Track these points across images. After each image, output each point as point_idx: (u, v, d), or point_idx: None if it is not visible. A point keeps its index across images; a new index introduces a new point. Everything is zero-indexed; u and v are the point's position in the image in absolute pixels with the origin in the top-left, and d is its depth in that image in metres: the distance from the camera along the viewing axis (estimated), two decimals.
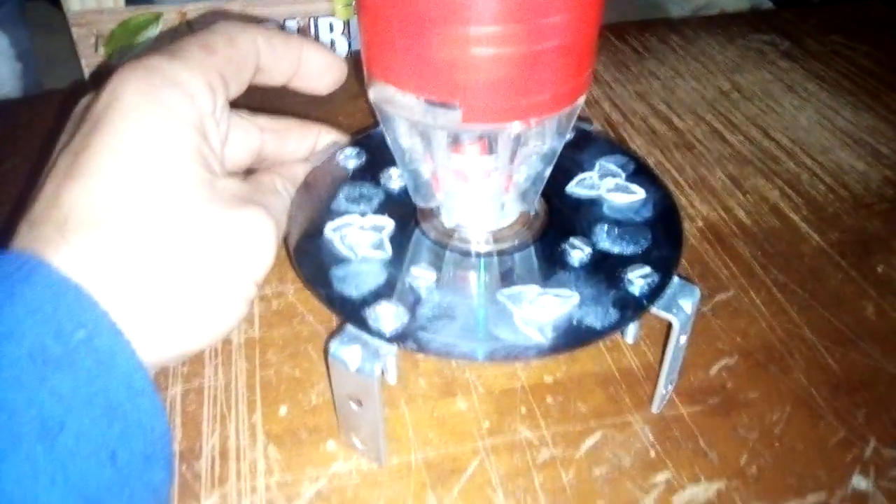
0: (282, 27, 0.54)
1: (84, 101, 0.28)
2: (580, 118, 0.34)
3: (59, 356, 0.20)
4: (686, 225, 0.40)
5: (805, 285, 0.36)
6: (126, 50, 0.54)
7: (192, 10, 0.53)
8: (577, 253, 0.28)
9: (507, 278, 0.28)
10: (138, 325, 0.23)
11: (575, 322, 0.25)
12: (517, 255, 0.29)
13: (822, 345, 0.33)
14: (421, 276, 0.27)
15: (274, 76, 0.31)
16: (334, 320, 0.33)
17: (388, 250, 0.28)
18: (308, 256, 0.28)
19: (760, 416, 0.30)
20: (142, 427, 0.22)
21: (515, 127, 0.25)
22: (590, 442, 0.29)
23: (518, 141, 0.26)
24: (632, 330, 0.28)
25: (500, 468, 0.28)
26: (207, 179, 0.25)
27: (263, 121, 0.32)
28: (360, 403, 0.25)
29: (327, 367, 0.28)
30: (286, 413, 0.30)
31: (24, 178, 0.42)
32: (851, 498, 0.27)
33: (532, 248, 0.29)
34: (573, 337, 0.25)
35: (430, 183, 0.29)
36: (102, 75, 0.30)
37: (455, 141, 0.26)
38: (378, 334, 0.25)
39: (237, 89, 0.29)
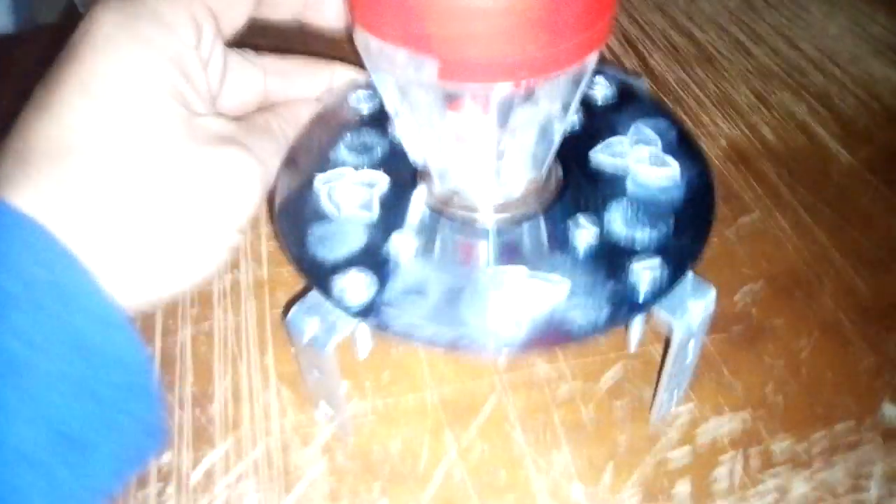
0: None
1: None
2: (626, 70, 0.31)
3: (19, 296, 0.20)
4: (708, 144, 0.38)
5: (833, 205, 0.35)
6: None
7: None
8: (583, 233, 0.24)
9: (496, 255, 0.25)
10: (106, 266, 0.22)
11: (557, 317, 0.22)
12: (514, 230, 0.26)
13: (851, 267, 0.32)
14: (402, 243, 0.25)
15: (279, 9, 0.28)
16: None
17: (376, 211, 0.26)
18: (290, 209, 0.27)
19: (786, 343, 0.29)
20: (120, 361, 0.21)
21: (501, 89, 0.21)
22: (610, 374, 0.28)
23: (509, 105, 0.23)
24: (635, 332, 0.25)
25: (518, 404, 0.27)
26: (184, 116, 0.23)
27: (268, 61, 0.30)
28: (319, 372, 0.24)
29: None
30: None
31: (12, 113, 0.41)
32: (881, 425, 0.26)
33: (531, 223, 0.26)
34: (551, 334, 0.22)
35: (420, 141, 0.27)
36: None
37: (448, 97, 0.23)
38: (341, 306, 0.23)
39: (231, 23, 0.27)
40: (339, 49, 0.30)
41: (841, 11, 0.47)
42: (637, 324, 0.26)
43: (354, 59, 0.28)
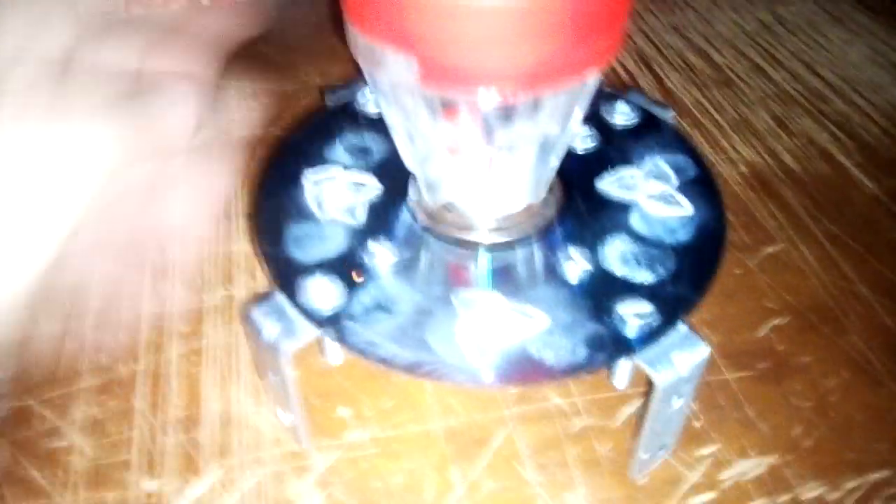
0: None
1: None
2: (653, 100, 0.29)
3: None
4: (727, 169, 0.36)
5: (858, 237, 0.33)
6: None
7: None
8: (573, 267, 0.23)
9: (478, 278, 0.23)
10: None
11: (529, 352, 0.21)
12: (503, 253, 0.24)
13: (878, 302, 0.30)
14: (379, 252, 0.23)
15: None
16: None
17: (360, 216, 0.25)
18: (272, 203, 0.25)
19: (814, 382, 0.27)
20: None
21: (490, 99, 0.19)
22: (627, 411, 0.26)
23: (503, 119, 0.21)
24: (623, 372, 0.22)
25: (528, 439, 0.26)
26: None
27: None
28: (274, 375, 0.23)
29: None
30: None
31: None
32: None
33: (523, 248, 0.24)
34: (518, 371, 0.21)
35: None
36: None
37: (441, 105, 0.21)
38: (304, 312, 0.21)
39: None
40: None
41: (860, 38, 0.46)
42: (624, 365, 0.23)
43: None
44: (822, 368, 0.28)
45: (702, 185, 0.26)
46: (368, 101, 0.29)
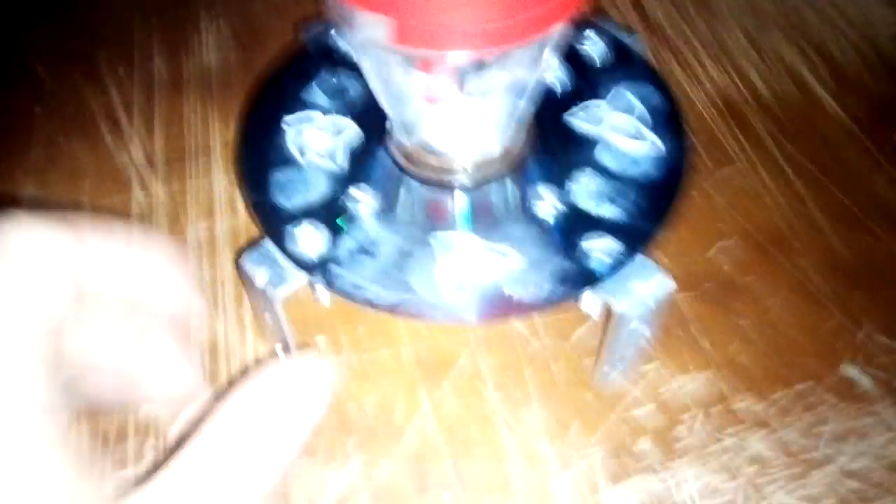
0: None
1: None
2: (621, 25, 0.30)
3: None
4: (696, 91, 0.37)
5: (818, 160, 0.34)
6: None
7: None
8: (543, 205, 0.24)
9: (455, 218, 0.25)
10: None
11: (502, 289, 0.22)
12: (478, 193, 0.25)
13: (829, 226, 0.32)
14: (360, 198, 0.24)
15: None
16: None
17: (341, 161, 0.26)
18: (254, 150, 0.26)
19: (756, 301, 0.30)
20: None
21: (459, 56, 0.20)
22: (580, 332, 0.29)
23: (475, 70, 0.22)
24: (594, 302, 0.23)
25: (490, 361, 0.28)
26: None
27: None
28: (270, 317, 0.24)
29: None
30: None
31: None
32: (839, 385, 0.27)
33: (497, 187, 0.25)
34: (493, 308, 0.22)
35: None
36: None
37: (414, 58, 0.22)
38: (292, 258, 0.23)
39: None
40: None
41: None
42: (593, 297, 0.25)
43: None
44: (766, 288, 0.30)
45: (667, 116, 0.27)
46: (338, 38, 0.29)
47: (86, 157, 0.35)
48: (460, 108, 0.24)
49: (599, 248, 0.23)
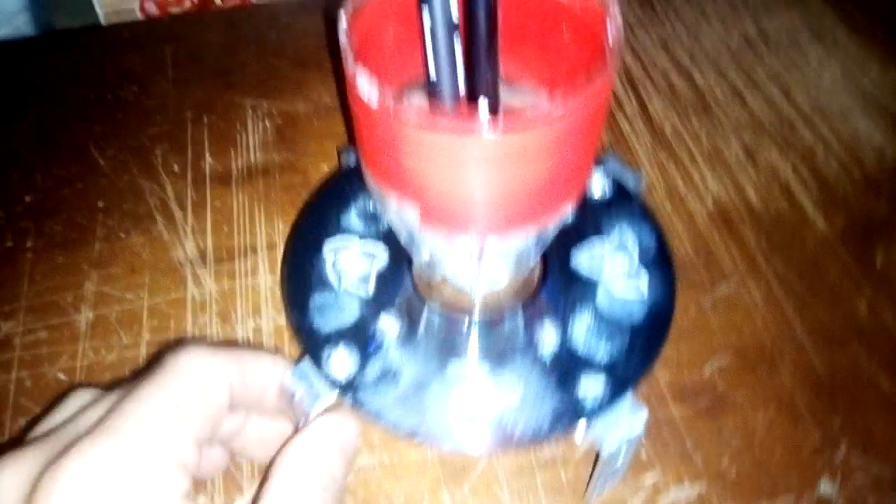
0: None
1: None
2: (628, 167, 0.33)
3: None
4: (696, 205, 0.41)
5: (804, 277, 0.38)
6: None
7: None
8: (547, 342, 0.28)
9: (465, 349, 0.28)
10: None
11: (507, 420, 0.26)
12: (486, 326, 0.29)
13: (811, 344, 0.35)
14: (387, 325, 0.28)
15: (239, 409, 0.26)
16: None
17: (371, 286, 0.30)
18: (297, 273, 0.30)
19: (745, 418, 0.33)
20: None
21: (475, 240, 0.23)
22: (587, 447, 0.32)
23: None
24: (581, 432, 0.26)
25: (506, 466, 0.32)
26: None
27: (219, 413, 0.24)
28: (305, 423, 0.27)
29: None
30: None
31: (36, 120, 0.43)
32: (817, 501, 0.31)
33: (509, 319, 0.29)
34: (496, 441, 0.26)
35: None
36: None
37: None
38: (327, 379, 0.27)
39: (208, 436, 0.23)
40: None
41: (836, 59, 0.49)
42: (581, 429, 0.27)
43: None
44: (753, 406, 0.33)
45: (660, 263, 0.31)
46: None
47: (144, 253, 0.38)
48: (474, 261, 0.27)
49: (594, 388, 0.27)
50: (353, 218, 0.32)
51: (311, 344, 0.28)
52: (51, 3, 0.54)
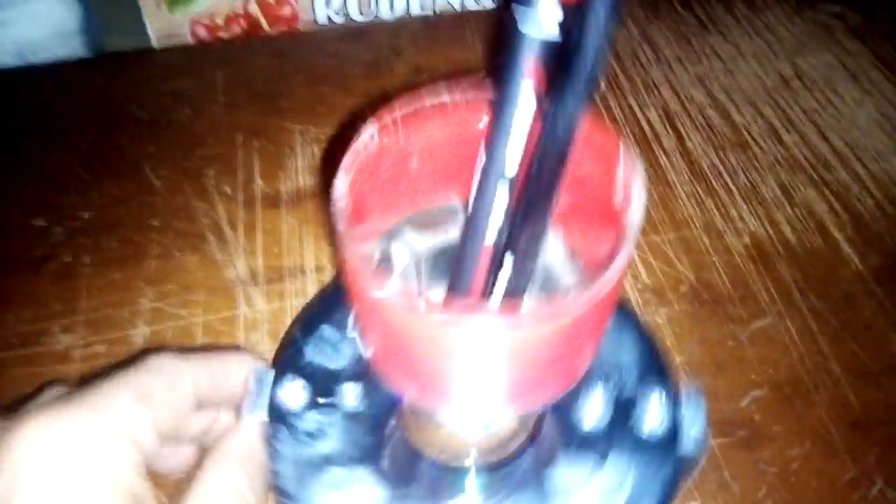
0: None
1: None
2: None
3: None
4: (733, 240, 0.42)
5: (839, 314, 0.39)
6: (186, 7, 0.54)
7: None
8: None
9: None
10: None
11: None
12: (490, 473, 0.27)
13: (846, 379, 0.36)
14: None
15: (209, 406, 0.27)
16: None
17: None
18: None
19: (781, 450, 0.34)
20: None
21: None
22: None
23: None
24: None
25: None
26: None
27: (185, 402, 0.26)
28: None
29: None
30: None
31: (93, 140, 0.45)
32: None
33: (508, 468, 0.27)
34: None
35: None
36: None
37: None
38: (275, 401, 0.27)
39: (172, 429, 0.25)
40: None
41: (871, 98, 0.50)
42: None
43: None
44: (790, 438, 0.34)
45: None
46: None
47: (198, 271, 0.40)
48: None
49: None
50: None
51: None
52: (106, 25, 0.56)
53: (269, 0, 0.57)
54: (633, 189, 0.19)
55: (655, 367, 0.28)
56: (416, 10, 0.59)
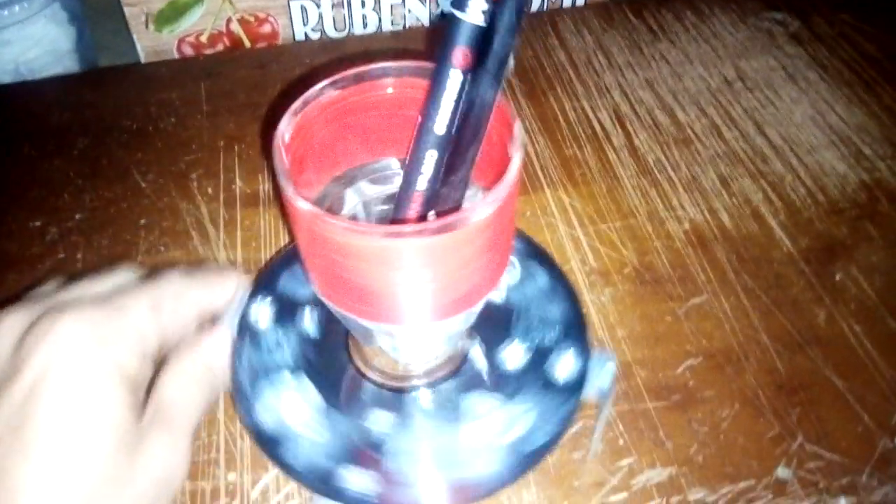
0: None
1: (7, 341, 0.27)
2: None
3: None
4: (674, 227, 0.46)
5: (769, 291, 0.42)
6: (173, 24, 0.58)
7: None
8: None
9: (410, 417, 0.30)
10: None
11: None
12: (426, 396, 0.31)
13: (774, 349, 0.40)
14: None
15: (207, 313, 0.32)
16: None
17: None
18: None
19: (713, 411, 0.37)
20: None
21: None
22: (573, 430, 0.36)
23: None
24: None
25: None
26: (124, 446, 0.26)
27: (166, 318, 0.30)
28: None
29: None
30: None
31: (85, 147, 0.49)
32: (774, 484, 0.35)
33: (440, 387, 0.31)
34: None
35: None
36: None
37: None
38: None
39: (175, 333, 0.30)
40: None
41: (806, 97, 0.54)
42: None
43: None
44: (721, 400, 0.38)
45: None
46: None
47: (181, 265, 0.43)
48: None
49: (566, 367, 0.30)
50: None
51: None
52: (97, 44, 0.60)
53: (250, 19, 0.61)
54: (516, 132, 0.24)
55: (576, 328, 0.32)
56: (387, 26, 0.63)
